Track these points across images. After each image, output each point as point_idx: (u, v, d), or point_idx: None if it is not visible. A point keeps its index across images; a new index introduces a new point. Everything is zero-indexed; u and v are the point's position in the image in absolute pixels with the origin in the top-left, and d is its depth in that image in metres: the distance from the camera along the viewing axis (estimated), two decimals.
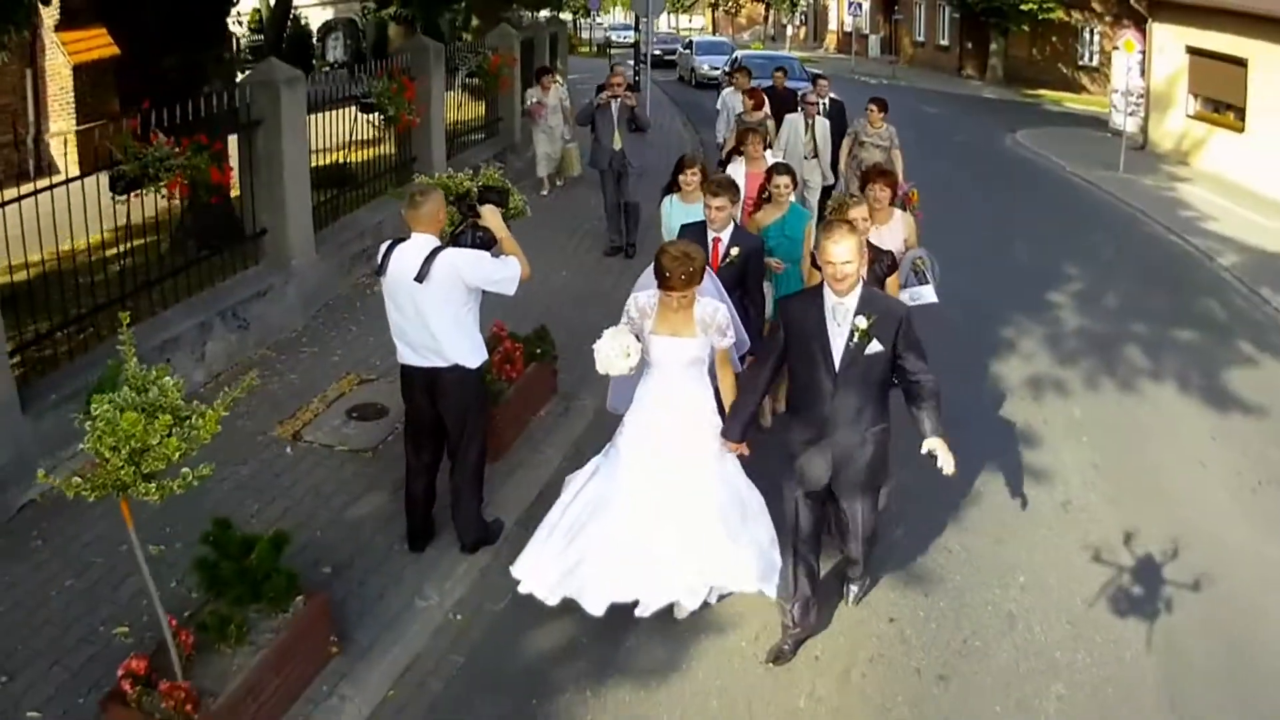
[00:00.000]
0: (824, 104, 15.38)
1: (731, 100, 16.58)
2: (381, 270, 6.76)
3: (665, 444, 6.33)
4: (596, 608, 6.22)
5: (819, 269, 6.08)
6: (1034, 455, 9.79)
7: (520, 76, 19.99)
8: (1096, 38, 41.14)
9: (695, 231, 7.84)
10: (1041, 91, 41.25)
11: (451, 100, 17.37)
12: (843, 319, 5.80)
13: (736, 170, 10.52)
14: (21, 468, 7.71)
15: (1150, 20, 27.46)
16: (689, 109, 30.26)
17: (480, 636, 6.83)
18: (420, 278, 6.51)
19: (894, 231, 8.73)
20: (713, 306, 6.34)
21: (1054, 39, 43.18)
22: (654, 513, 6.23)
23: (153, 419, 4.62)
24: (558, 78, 18.57)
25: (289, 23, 29.43)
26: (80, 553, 7.36)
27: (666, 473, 6.29)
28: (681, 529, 6.19)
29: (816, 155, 14.54)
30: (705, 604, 6.57)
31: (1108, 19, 39.56)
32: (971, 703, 6.47)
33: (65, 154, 11.59)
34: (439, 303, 6.61)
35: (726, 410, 6.46)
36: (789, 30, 67.15)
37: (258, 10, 33.84)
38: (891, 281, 7.72)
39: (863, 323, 5.71)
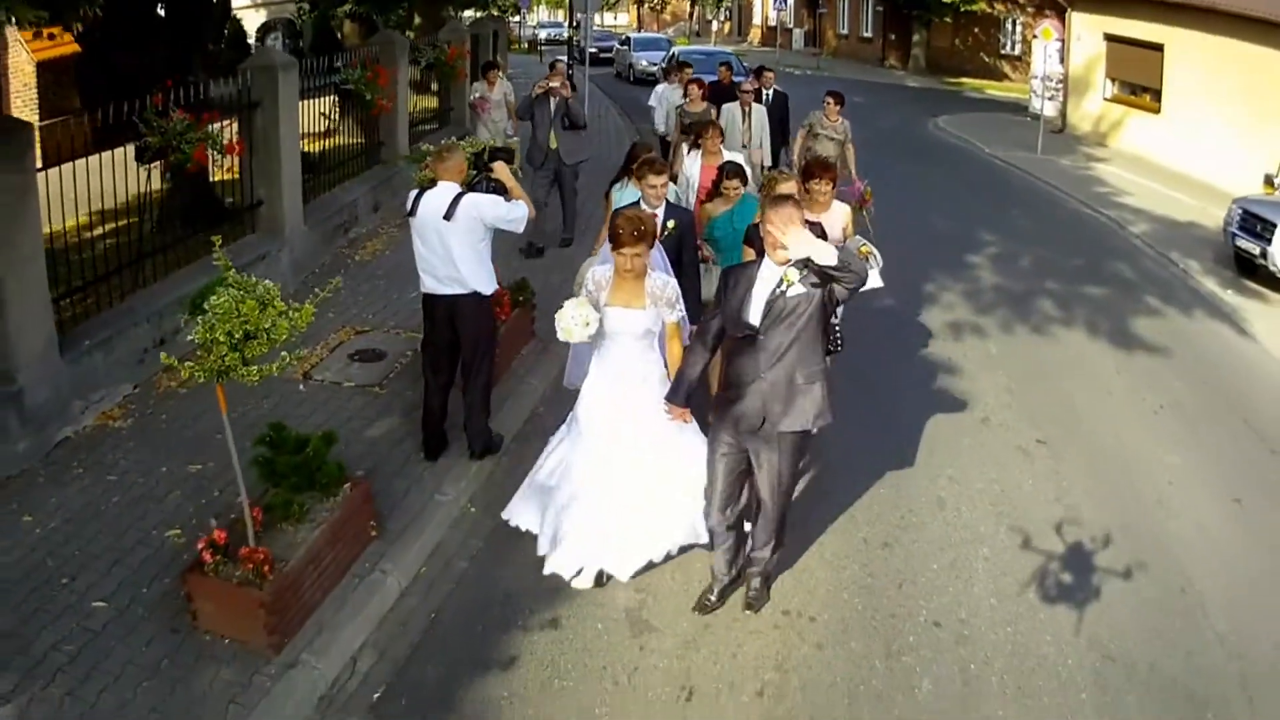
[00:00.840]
0: (768, 95, 16.18)
1: (669, 94, 17.33)
2: (412, 212, 8.22)
3: (619, 413, 6.92)
4: (565, 570, 7.25)
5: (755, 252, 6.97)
6: (956, 383, 11.57)
7: (469, 71, 21.51)
8: (1019, 27, 43.34)
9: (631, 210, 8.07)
10: (963, 80, 43.40)
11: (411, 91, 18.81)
12: (774, 276, 6.17)
13: (694, 162, 11.24)
14: (59, 406, 9.02)
15: (1069, 9, 29.65)
16: (627, 105, 31.14)
17: (493, 525, 8.19)
18: (448, 216, 8.02)
19: (832, 221, 8.89)
20: (662, 280, 6.88)
21: (976, 29, 45.39)
22: (612, 481, 6.94)
23: (265, 308, 6.05)
24: (500, 74, 19.59)
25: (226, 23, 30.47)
26: (120, 478, 8.62)
27: (623, 441, 6.93)
28: (641, 496, 6.95)
29: (748, 145, 14.95)
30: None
31: (1030, 9, 41.65)
32: (912, 563, 8.08)
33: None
34: (462, 237, 8.10)
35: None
36: (714, 25, 68.88)
37: None
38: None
39: (794, 274, 6.04)
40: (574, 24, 45.18)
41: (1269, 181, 17.72)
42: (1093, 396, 11.60)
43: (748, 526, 7.16)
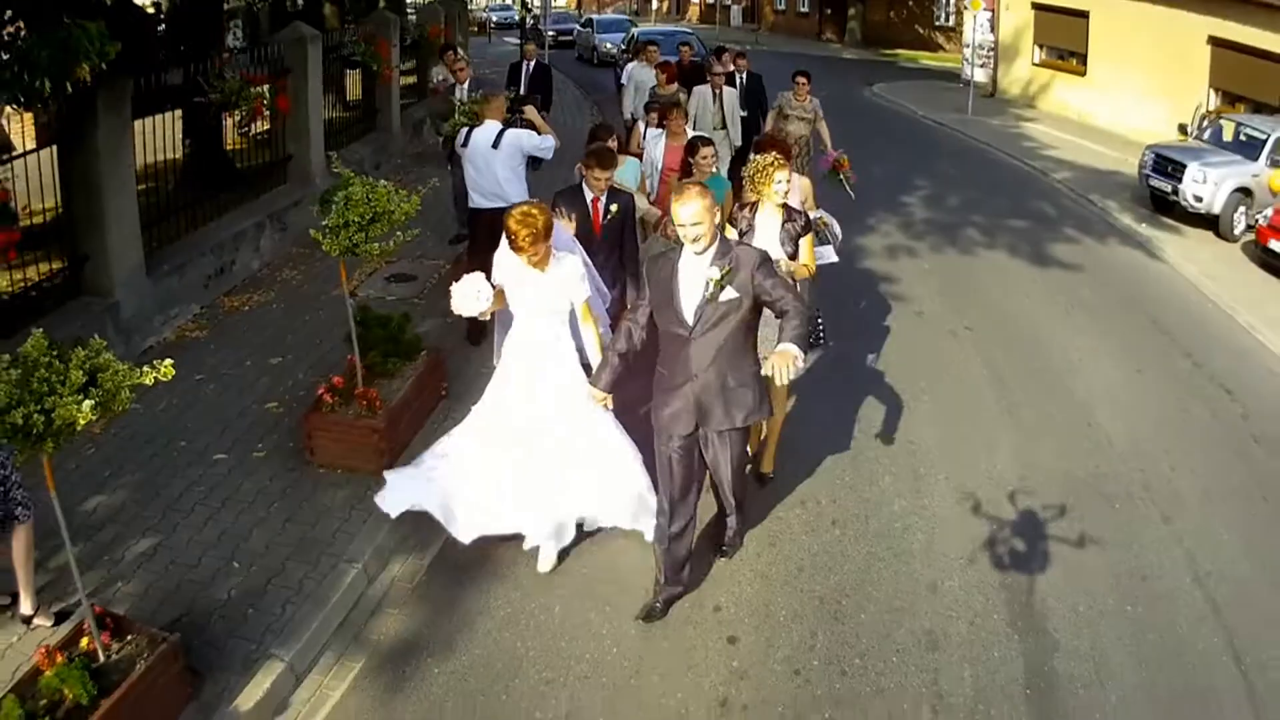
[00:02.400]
0: (742, 78, 16.13)
1: (641, 75, 16.88)
2: (465, 143, 10.50)
3: (527, 390, 6.95)
4: (465, 536, 7.06)
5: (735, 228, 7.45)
6: (894, 288, 13.34)
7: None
8: (952, 0, 45.03)
9: (572, 193, 8.70)
10: (899, 51, 45.15)
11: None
12: (697, 272, 6.08)
13: (657, 143, 11.41)
14: (145, 319, 10.59)
15: None
16: (593, 89, 30.67)
17: None
18: (495, 145, 10.27)
19: (791, 195, 8.60)
20: (571, 260, 6.92)
21: (910, 2, 47.12)
22: (517, 455, 6.95)
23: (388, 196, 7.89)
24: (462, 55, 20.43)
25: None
26: (209, 373, 10.07)
27: (530, 417, 6.93)
28: (547, 470, 6.92)
29: (725, 126, 14.79)
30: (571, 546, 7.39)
31: None
32: (869, 401, 9.55)
33: (22, 132, 13.74)
34: (505, 161, 10.32)
35: (594, 361, 6.96)
36: (652, 4, 70.09)
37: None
38: (806, 241, 7.84)
39: (715, 273, 5.98)
40: (524, 5, 46.38)
41: (1182, 130, 19.51)
42: (1012, 298, 13.38)
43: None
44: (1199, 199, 16.72)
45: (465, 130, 10.60)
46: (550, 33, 31.45)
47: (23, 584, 6.30)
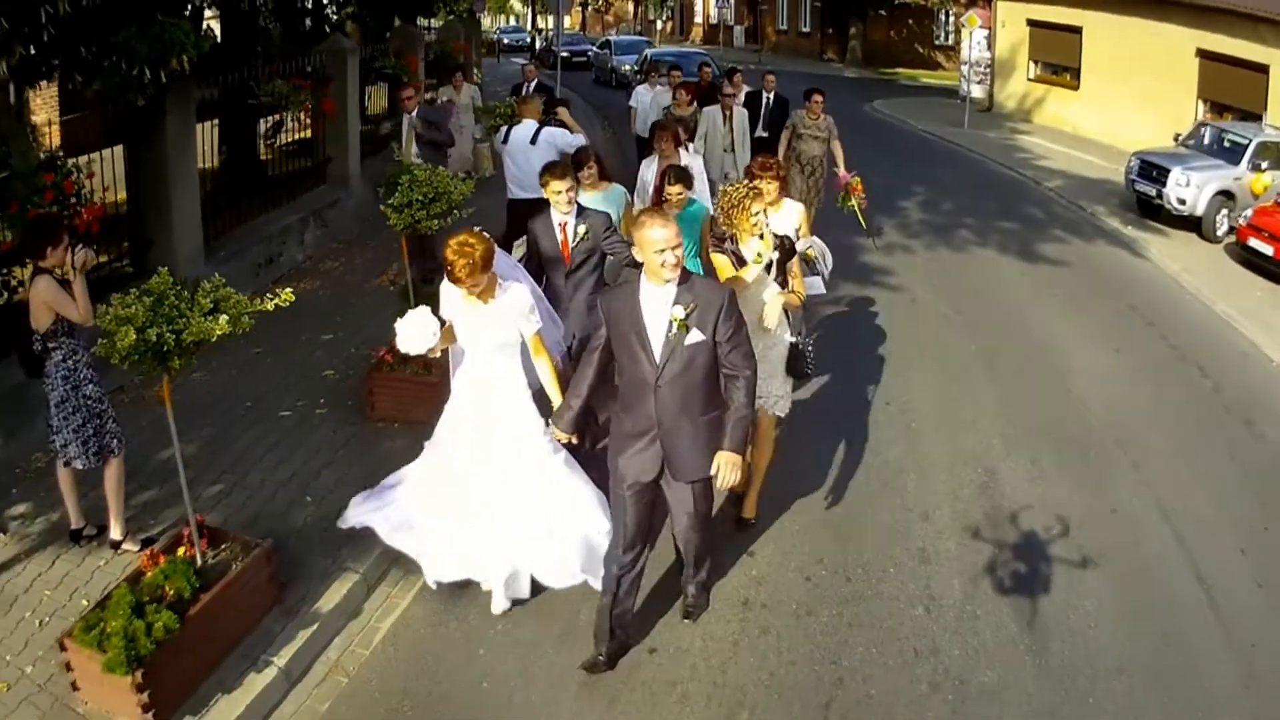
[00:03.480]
0: (769, 98, 16.02)
1: (657, 97, 17.15)
2: (505, 140, 12.06)
3: (476, 429, 6.65)
4: (431, 576, 6.89)
5: (721, 252, 7.27)
6: (890, 279, 14.41)
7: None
8: (951, 18, 46.13)
9: (540, 218, 8.28)
10: (899, 70, 46.35)
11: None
12: (661, 309, 5.78)
13: (649, 166, 11.08)
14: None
15: None
16: (611, 112, 28.88)
17: None
18: (533, 141, 11.77)
19: (786, 220, 8.59)
20: (518, 291, 6.53)
21: (910, 21, 48.31)
22: (467, 498, 6.66)
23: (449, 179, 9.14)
24: (477, 76, 20.84)
25: None
26: (266, 347, 10.84)
27: (479, 457, 6.64)
28: (496, 516, 6.62)
29: (734, 149, 14.51)
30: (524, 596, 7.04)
31: (962, 0, 44.43)
32: (873, 362, 10.52)
33: (49, 138, 14.71)
34: (542, 155, 11.12)
35: (551, 395, 6.71)
36: (657, 25, 71.35)
37: None
38: (793, 265, 7.45)
39: (680, 312, 5.71)
40: (535, 27, 47.17)
41: (1178, 140, 20.48)
42: (1001, 288, 14.52)
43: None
44: (1182, 201, 17.73)
45: (505, 128, 12.13)
46: (564, 54, 30.47)
47: (114, 512, 7.24)
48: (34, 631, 6.48)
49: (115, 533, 7.27)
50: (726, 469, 5.78)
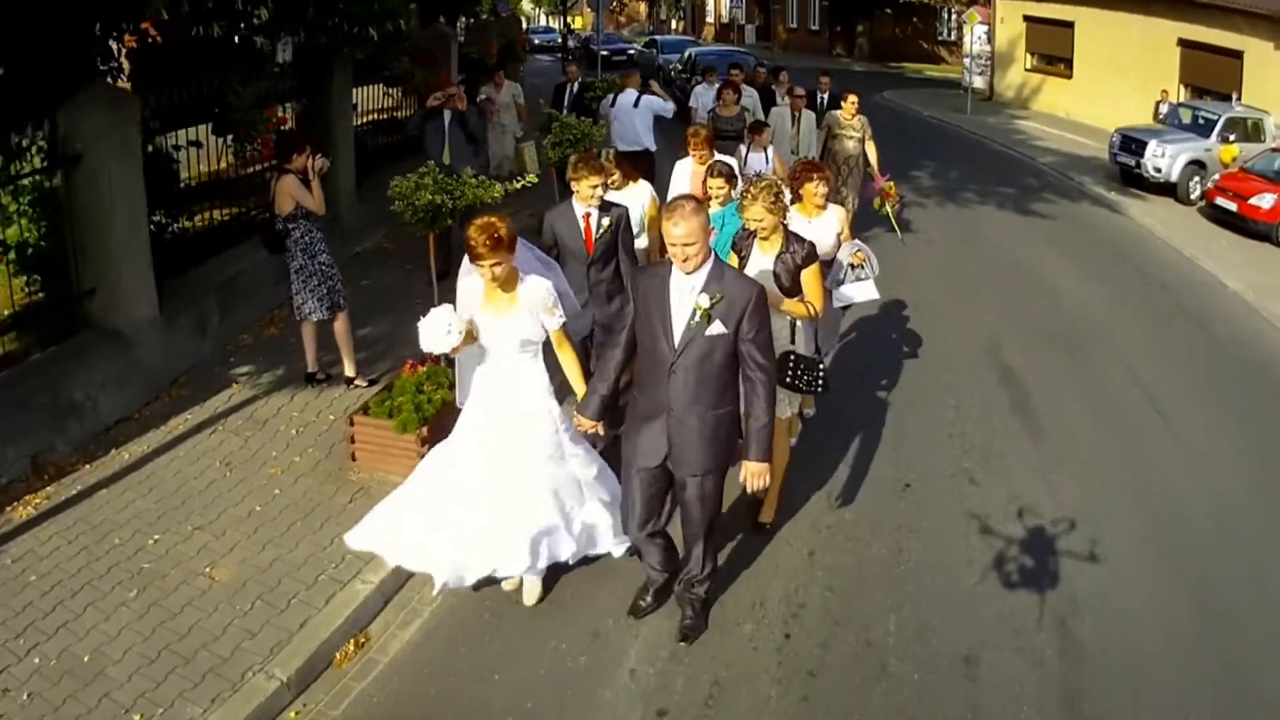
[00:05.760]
0: (823, 98, 16.27)
1: (706, 96, 16.76)
2: (612, 104, 14.75)
3: (497, 428, 6.49)
4: (441, 578, 6.43)
5: None
6: (909, 224, 16.64)
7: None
8: (953, 15, 48.46)
9: (561, 213, 8.30)
10: (905, 64, 48.62)
11: None
12: (688, 295, 5.76)
13: (682, 167, 10.65)
14: (355, 230, 13.97)
15: None
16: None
17: None
18: (636, 105, 14.64)
19: (827, 225, 8.51)
20: (539, 285, 6.35)
21: (915, 19, 50.67)
22: (487, 495, 6.47)
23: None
24: (521, 69, 21.61)
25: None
26: (402, 263, 13.44)
27: (499, 456, 6.47)
28: (516, 511, 6.42)
29: (798, 150, 14.55)
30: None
31: None
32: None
33: None
34: (643, 117, 14.55)
35: (575, 388, 6.64)
36: (672, 24, 73.41)
37: None
38: (808, 272, 7.22)
39: (705, 301, 5.67)
40: (566, 26, 48.74)
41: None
42: (1000, 234, 17.08)
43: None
44: (1158, 170, 20.23)
45: (612, 95, 14.94)
46: (604, 53, 31.17)
47: (346, 355, 9.63)
48: (291, 439, 8.80)
49: (349, 370, 9.66)
50: (753, 480, 5.92)
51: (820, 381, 7.31)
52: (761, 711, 5.96)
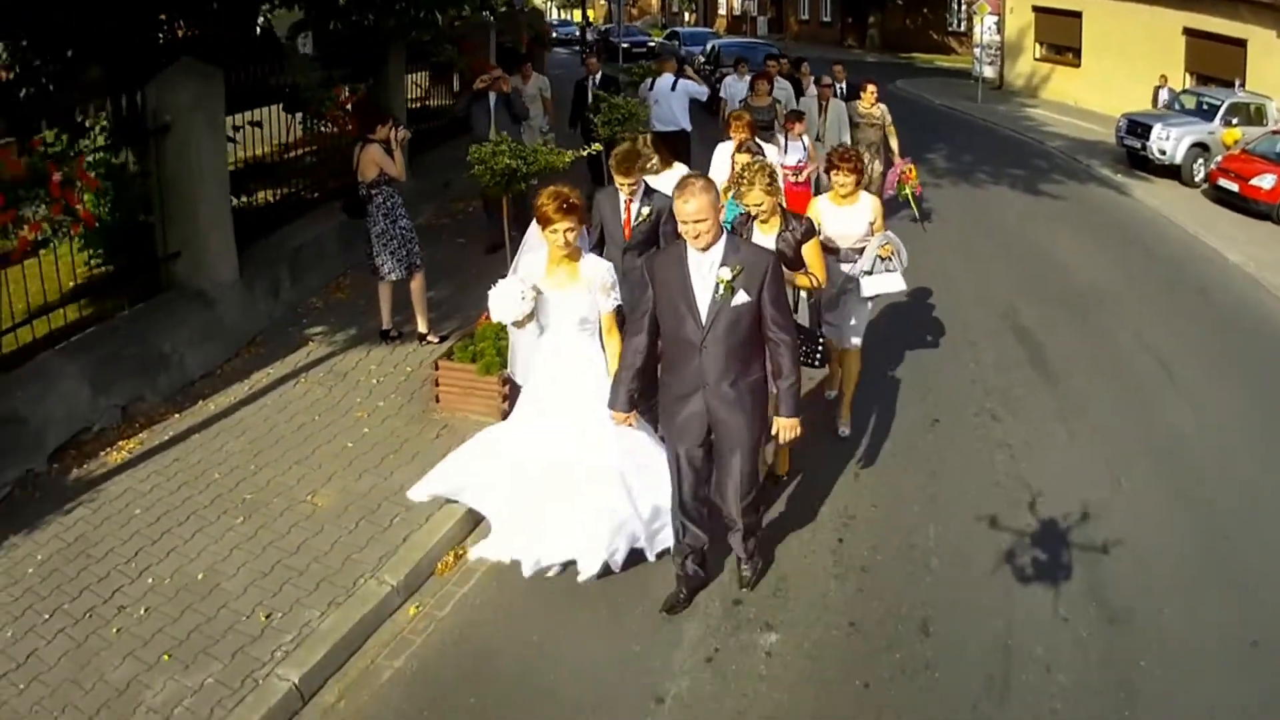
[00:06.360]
0: (840, 88, 16.71)
1: (737, 88, 17.37)
2: (650, 87, 15.68)
3: (557, 405, 6.60)
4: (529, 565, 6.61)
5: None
6: (926, 202, 17.19)
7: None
8: (962, 6, 49.11)
9: (608, 195, 8.34)
10: (915, 55, 49.25)
11: None
12: (708, 272, 5.83)
13: (722, 152, 10.74)
14: (410, 206, 14.44)
15: None
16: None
17: None
18: (673, 88, 15.53)
19: (860, 214, 8.50)
20: (599, 265, 6.48)
21: (925, 10, 51.39)
22: (546, 474, 6.59)
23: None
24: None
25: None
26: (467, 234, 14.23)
27: (558, 434, 6.57)
28: (573, 491, 6.51)
29: (822, 139, 14.69)
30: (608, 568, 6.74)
31: None
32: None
33: None
34: (680, 100, 15.56)
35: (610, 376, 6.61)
36: (685, 17, 73.77)
37: None
38: (809, 246, 7.38)
39: (726, 274, 5.75)
40: (585, 18, 49.13)
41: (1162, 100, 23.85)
42: (1010, 212, 17.90)
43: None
44: (1163, 152, 20.97)
45: (650, 79, 15.95)
46: (624, 44, 31.87)
47: (420, 313, 10.42)
48: (373, 387, 9.55)
49: (421, 327, 10.44)
50: (785, 433, 6.15)
51: (818, 355, 7.57)
52: (823, 600, 6.78)
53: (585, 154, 10.02)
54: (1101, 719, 5.73)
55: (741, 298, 5.77)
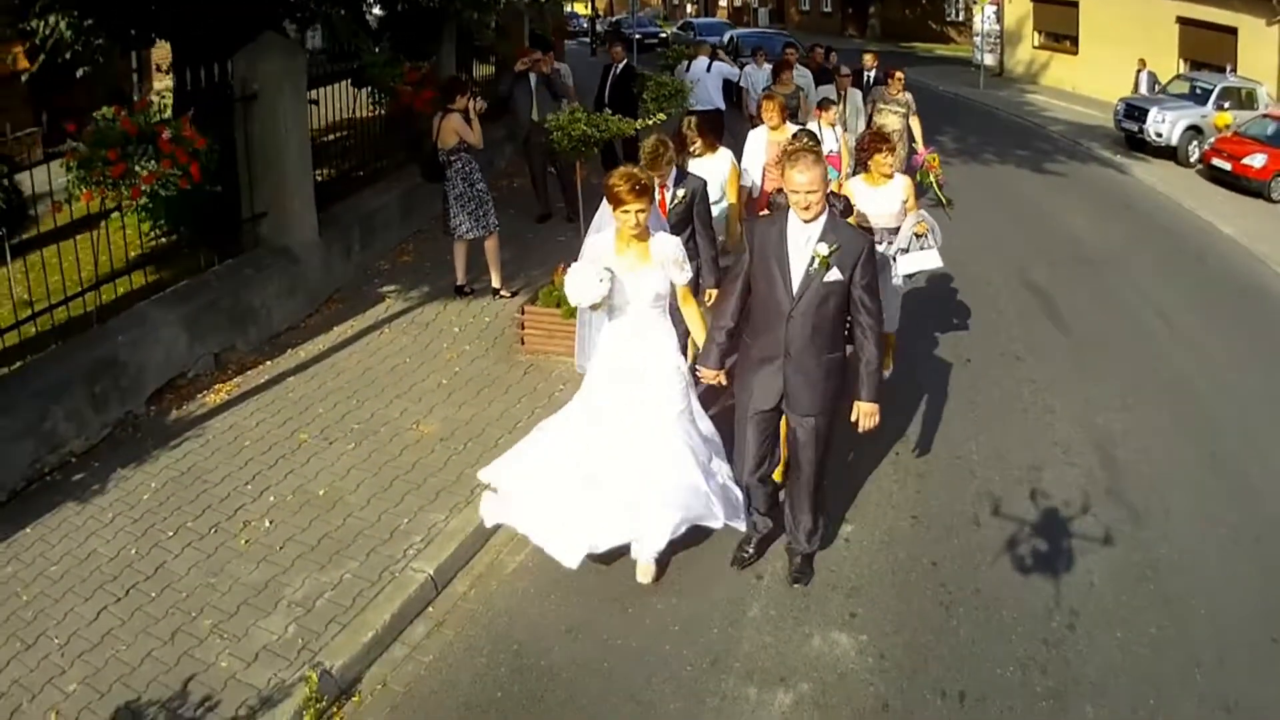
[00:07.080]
0: (869, 76, 16.96)
1: (757, 76, 17.52)
2: (688, 69, 16.72)
3: (626, 385, 6.43)
4: (569, 560, 6.26)
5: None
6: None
7: None
8: None
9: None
10: (915, 44, 49.92)
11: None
12: (804, 245, 5.91)
13: (759, 137, 10.82)
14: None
15: None
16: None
17: None
18: (708, 70, 16.94)
19: (893, 194, 8.74)
20: (668, 240, 6.42)
21: (924, 0, 52.00)
22: (613, 454, 6.40)
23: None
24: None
25: None
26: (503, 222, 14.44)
27: (627, 413, 6.41)
28: (643, 469, 6.30)
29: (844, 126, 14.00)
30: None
31: None
32: None
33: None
34: (715, 81, 17.07)
35: (699, 346, 6.60)
36: (687, 7, 74.10)
37: None
38: (850, 221, 7.61)
39: (824, 249, 5.82)
40: (596, 13, 49.63)
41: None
42: (1017, 187, 18.97)
43: (782, 494, 6.88)
44: (1159, 135, 21.98)
45: (686, 61, 17.21)
46: (637, 35, 32.18)
47: (495, 271, 11.31)
48: (456, 334, 10.41)
49: (495, 282, 11.34)
50: (866, 418, 6.14)
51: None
52: (886, 502, 7.81)
53: (652, 122, 10.83)
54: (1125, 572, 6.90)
55: (834, 275, 5.85)
